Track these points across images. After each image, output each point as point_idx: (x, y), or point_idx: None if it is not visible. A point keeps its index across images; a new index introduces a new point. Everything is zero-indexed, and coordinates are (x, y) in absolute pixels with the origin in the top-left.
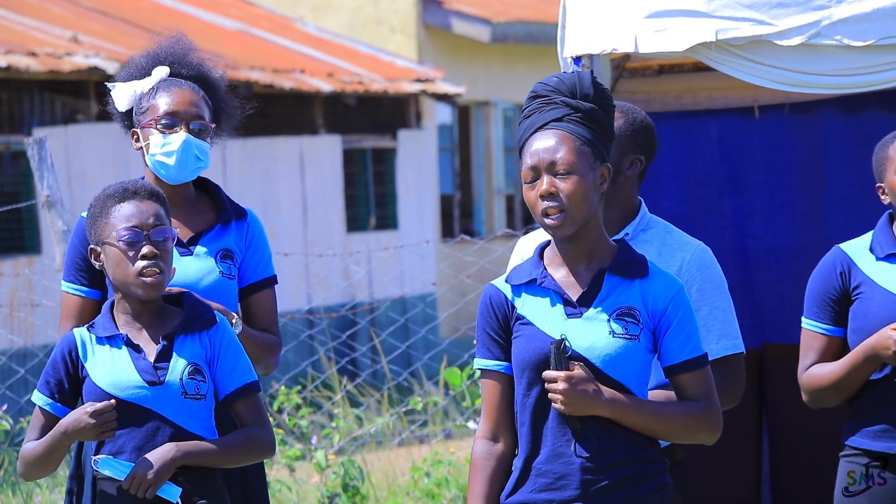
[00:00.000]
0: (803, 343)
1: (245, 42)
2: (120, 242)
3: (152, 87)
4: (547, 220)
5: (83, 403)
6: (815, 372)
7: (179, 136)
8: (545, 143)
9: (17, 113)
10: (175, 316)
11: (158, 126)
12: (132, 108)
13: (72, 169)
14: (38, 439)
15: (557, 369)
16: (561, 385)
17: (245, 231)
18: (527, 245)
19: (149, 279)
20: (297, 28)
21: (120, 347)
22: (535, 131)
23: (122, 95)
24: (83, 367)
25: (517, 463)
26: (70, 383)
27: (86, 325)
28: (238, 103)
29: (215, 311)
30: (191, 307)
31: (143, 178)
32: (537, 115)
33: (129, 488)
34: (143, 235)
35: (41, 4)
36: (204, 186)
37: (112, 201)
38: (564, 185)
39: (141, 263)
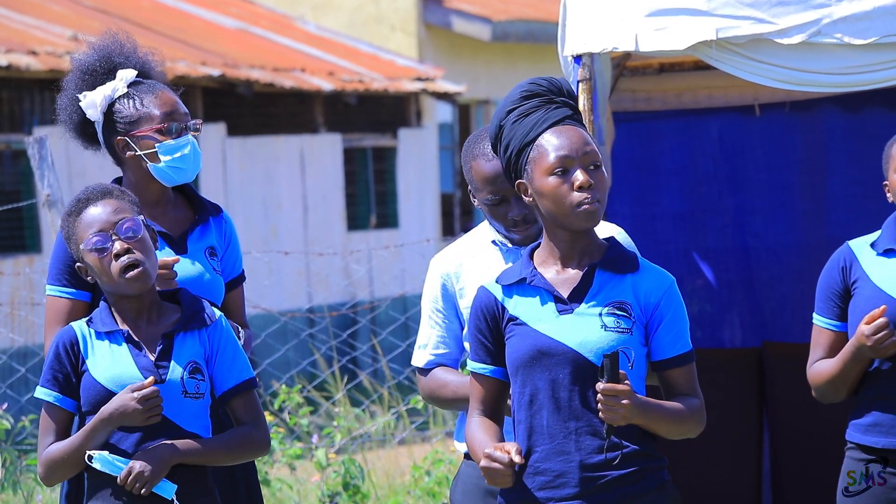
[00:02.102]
0: (812, 338)
1: (245, 41)
2: (92, 253)
3: (127, 93)
4: (583, 210)
5: (81, 399)
6: (816, 368)
7: (187, 140)
8: (575, 137)
9: (17, 112)
10: (172, 313)
11: (161, 133)
12: (98, 117)
13: (72, 168)
14: (57, 440)
15: (612, 381)
16: (625, 401)
17: (223, 228)
18: (443, 263)
19: (131, 273)
20: (298, 27)
21: (120, 344)
22: (550, 126)
23: (93, 103)
24: (84, 361)
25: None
26: (76, 377)
27: (84, 320)
28: (173, 88)
29: (212, 308)
30: (189, 304)
31: (119, 178)
32: (544, 113)
33: (124, 484)
34: (108, 236)
35: (41, 3)
36: (178, 186)
37: (73, 218)
38: (598, 178)
39: (117, 263)
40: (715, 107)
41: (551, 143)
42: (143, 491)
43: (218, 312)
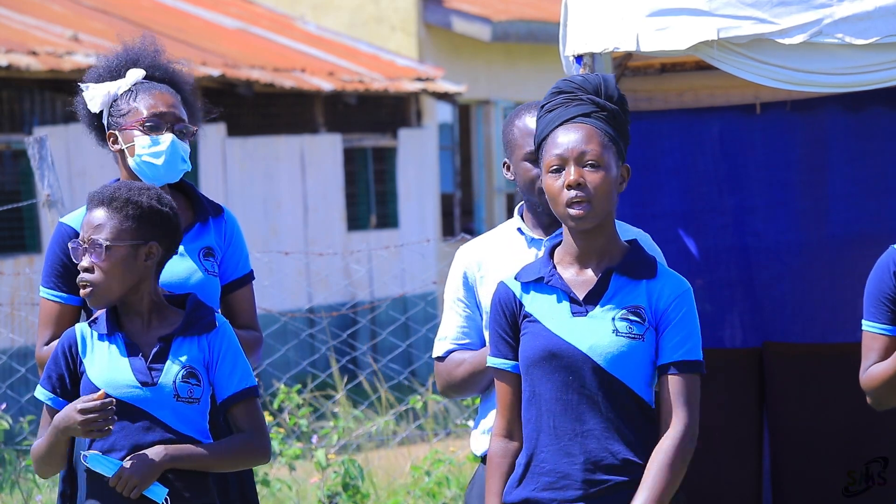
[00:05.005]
0: (864, 345)
1: (245, 41)
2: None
3: (129, 90)
4: (571, 211)
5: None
6: (870, 372)
7: (167, 138)
8: (575, 135)
9: (17, 112)
10: (177, 317)
11: (143, 128)
12: (101, 110)
13: (72, 168)
14: None
15: None
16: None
17: (223, 228)
18: (467, 254)
19: (82, 291)
20: (298, 27)
21: (119, 346)
22: (562, 124)
23: (96, 96)
24: (81, 362)
25: (520, 459)
26: (70, 378)
27: (89, 321)
28: (203, 106)
29: (217, 314)
30: (192, 309)
31: (118, 179)
32: (563, 110)
33: (115, 486)
34: (82, 249)
35: (42, 3)
36: (179, 186)
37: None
38: (592, 177)
39: (79, 277)
40: (716, 106)
41: (554, 141)
42: (132, 494)
43: (223, 318)
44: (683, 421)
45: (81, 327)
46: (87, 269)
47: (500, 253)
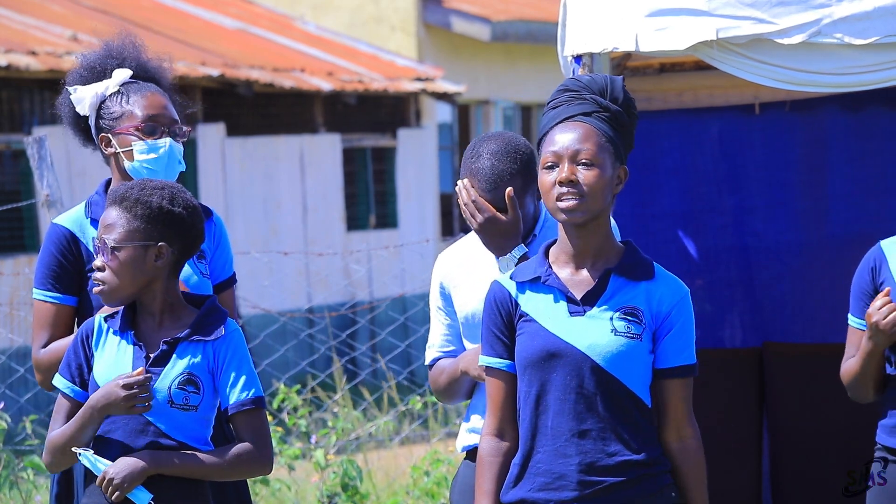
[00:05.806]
0: (847, 338)
1: (245, 41)
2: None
3: (118, 91)
4: (561, 204)
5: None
6: (845, 366)
7: (165, 142)
8: (572, 133)
9: (17, 112)
10: (191, 318)
11: (140, 132)
12: (87, 112)
13: (72, 168)
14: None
15: None
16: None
17: (212, 231)
18: (443, 263)
19: (95, 289)
20: (297, 27)
21: (129, 343)
22: (561, 122)
23: (84, 99)
24: (93, 355)
25: (517, 459)
26: (89, 369)
27: (105, 315)
28: (184, 101)
29: (229, 320)
30: (204, 314)
31: (110, 180)
32: (565, 108)
33: (100, 486)
34: (97, 247)
35: (41, 3)
36: None
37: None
38: (585, 175)
39: (93, 276)
40: (715, 106)
41: (552, 139)
42: (114, 497)
43: (234, 325)
44: (695, 424)
45: (99, 319)
46: (99, 269)
47: (471, 264)
